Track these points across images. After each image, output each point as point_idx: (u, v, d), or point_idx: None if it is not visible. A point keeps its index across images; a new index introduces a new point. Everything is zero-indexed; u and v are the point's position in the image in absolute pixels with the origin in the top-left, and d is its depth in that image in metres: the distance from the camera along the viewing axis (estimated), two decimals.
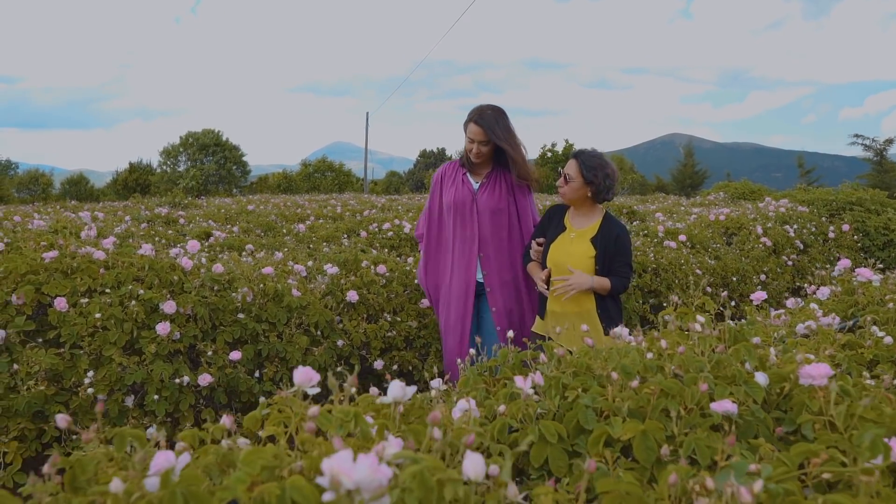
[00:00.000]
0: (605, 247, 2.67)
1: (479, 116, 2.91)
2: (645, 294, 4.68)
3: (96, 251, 2.87)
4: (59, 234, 3.28)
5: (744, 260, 5.68)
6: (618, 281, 2.68)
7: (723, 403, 1.10)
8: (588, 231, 2.73)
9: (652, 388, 1.08)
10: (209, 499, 0.68)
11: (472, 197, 3.01)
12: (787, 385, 1.20)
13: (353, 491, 0.51)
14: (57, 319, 2.56)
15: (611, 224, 2.74)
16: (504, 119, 2.94)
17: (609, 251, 2.67)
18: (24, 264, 2.67)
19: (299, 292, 3.07)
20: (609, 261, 2.68)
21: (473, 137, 2.93)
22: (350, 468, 0.51)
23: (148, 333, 2.63)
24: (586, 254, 2.67)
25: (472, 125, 2.92)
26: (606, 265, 2.67)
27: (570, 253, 2.69)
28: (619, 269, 2.69)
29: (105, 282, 2.72)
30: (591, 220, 2.76)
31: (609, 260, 2.68)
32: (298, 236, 6.68)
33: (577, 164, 2.70)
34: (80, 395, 2.47)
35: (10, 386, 2.42)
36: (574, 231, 2.75)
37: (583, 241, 2.71)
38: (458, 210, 3.03)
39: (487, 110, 2.92)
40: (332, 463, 0.52)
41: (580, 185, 2.69)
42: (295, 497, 0.62)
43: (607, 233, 2.70)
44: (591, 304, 2.67)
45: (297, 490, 0.63)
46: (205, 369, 2.69)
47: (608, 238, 2.68)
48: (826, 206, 7.23)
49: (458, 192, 3.03)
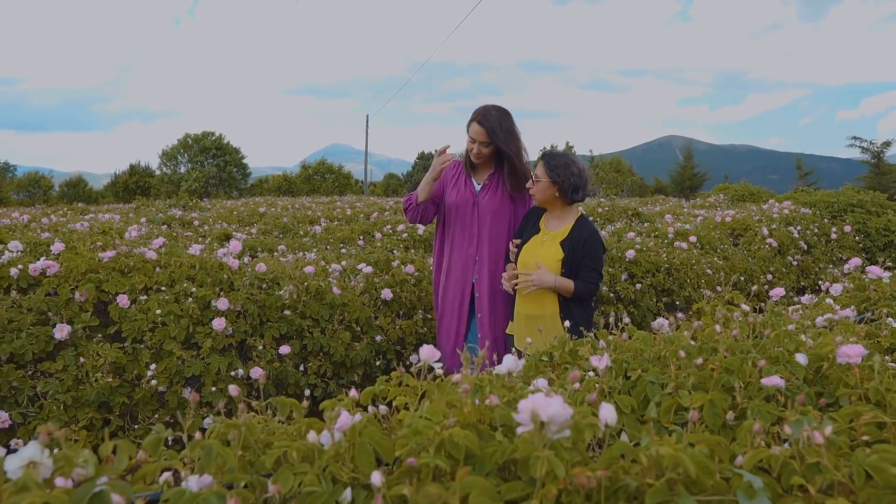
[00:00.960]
0: (573, 250, 2.64)
1: (482, 116, 2.86)
2: (658, 293, 4.85)
3: (148, 251, 3.03)
4: (107, 234, 3.45)
5: (751, 260, 5.86)
6: (582, 285, 2.62)
7: (772, 379, 1.27)
8: (559, 234, 2.71)
9: (715, 365, 1.24)
10: (390, 444, 0.84)
11: (473, 198, 2.96)
12: (824, 364, 1.37)
13: (546, 423, 0.67)
14: (118, 315, 2.72)
15: (582, 227, 2.70)
16: (508, 121, 2.89)
17: (577, 255, 2.64)
18: (84, 263, 2.83)
19: (339, 290, 3.23)
20: (576, 265, 2.64)
21: (475, 137, 2.88)
22: (545, 405, 0.67)
23: (203, 329, 2.79)
24: (554, 257, 2.64)
25: (475, 125, 2.87)
26: (574, 269, 2.64)
27: (538, 255, 2.67)
28: (585, 273, 2.64)
29: (160, 280, 2.88)
30: (564, 223, 2.73)
31: (576, 264, 2.64)
32: (316, 237, 6.84)
33: (543, 164, 2.71)
34: (142, 386, 2.63)
35: (77, 378, 2.58)
36: (547, 234, 2.74)
37: (553, 244, 2.69)
38: (460, 211, 2.98)
39: (492, 111, 2.88)
40: (532, 401, 0.68)
41: (547, 185, 2.68)
42: (469, 438, 0.79)
43: (577, 236, 2.66)
44: (555, 308, 2.63)
45: (467, 437, 0.80)
46: (255, 363, 2.86)
47: (577, 241, 2.65)
48: (828, 208, 7.41)
49: (460, 193, 2.98)
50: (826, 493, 0.84)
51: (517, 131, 2.93)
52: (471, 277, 2.96)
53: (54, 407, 2.50)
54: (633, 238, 5.17)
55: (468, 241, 2.96)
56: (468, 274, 2.96)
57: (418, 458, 0.79)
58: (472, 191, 2.99)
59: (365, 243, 6.64)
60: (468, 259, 2.96)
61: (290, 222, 7.83)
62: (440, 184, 3.04)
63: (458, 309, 2.97)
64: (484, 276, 2.93)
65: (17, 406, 2.52)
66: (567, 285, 2.59)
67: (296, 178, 39.40)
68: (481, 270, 2.94)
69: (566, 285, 2.59)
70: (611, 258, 4.81)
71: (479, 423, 0.85)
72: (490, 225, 2.95)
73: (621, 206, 9.98)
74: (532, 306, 2.67)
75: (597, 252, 2.66)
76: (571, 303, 2.65)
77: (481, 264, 2.94)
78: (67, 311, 2.71)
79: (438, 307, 3.09)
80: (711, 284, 5.10)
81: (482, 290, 2.93)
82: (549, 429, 0.68)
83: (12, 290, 2.77)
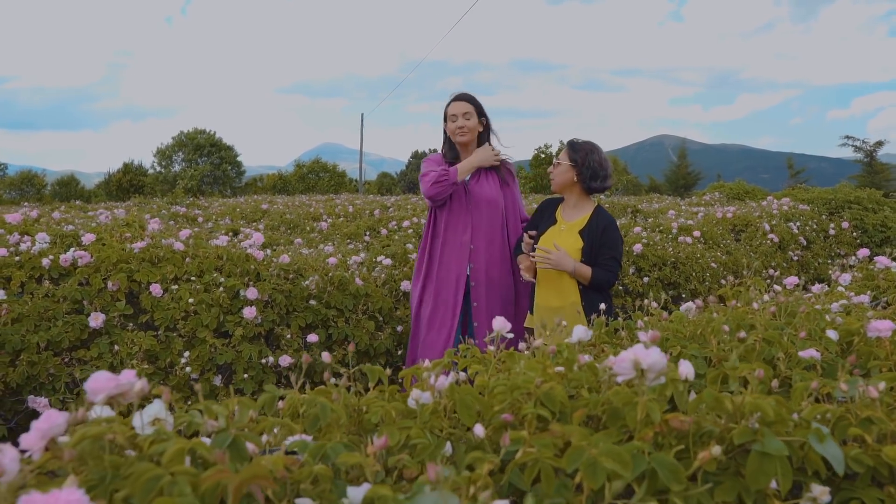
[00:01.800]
0: (592, 238, 2.64)
1: (459, 94, 2.96)
2: (665, 286, 4.94)
3: (176, 242, 3.09)
4: (131, 226, 3.51)
5: (752, 255, 5.97)
6: (601, 272, 2.61)
7: (809, 351, 1.35)
8: (577, 224, 2.70)
9: (757, 338, 1.33)
10: (488, 401, 0.92)
11: (464, 186, 2.93)
12: (855, 338, 1.46)
13: (645, 371, 0.75)
14: (150, 304, 2.79)
15: (600, 216, 2.70)
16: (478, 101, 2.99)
17: (596, 243, 2.63)
18: (115, 254, 2.89)
19: (362, 281, 3.31)
20: (596, 253, 2.64)
21: (458, 112, 2.91)
22: (645, 355, 0.75)
23: (233, 318, 2.86)
24: (574, 246, 2.63)
25: (456, 102, 2.93)
26: (593, 257, 2.63)
27: (558, 246, 2.64)
28: (604, 261, 2.62)
29: (189, 270, 2.95)
30: (582, 213, 2.73)
31: (596, 252, 2.64)
32: (323, 234, 6.90)
33: (567, 148, 2.75)
34: (176, 373, 2.69)
35: (112, 365, 2.65)
36: (564, 224, 2.73)
37: (571, 234, 2.68)
38: (452, 200, 2.93)
39: (464, 92, 2.99)
40: (633, 351, 0.76)
41: (566, 168, 2.70)
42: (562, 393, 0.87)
43: (595, 225, 2.66)
44: (576, 297, 2.63)
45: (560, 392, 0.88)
46: (283, 351, 2.93)
47: (596, 230, 2.65)
48: (826, 205, 7.55)
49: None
50: (880, 442, 0.93)
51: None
52: (465, 267, 2.92)
53: None
54: (639, 233, 5.27)
55: (462, 229, 2.92)
56: (463, 263, 2.91)
57: (517, 411, 0.88)
58: (462, 181, 2.95)
59: (371, 239, 6.72)
60: (462, 248, 2.92)
61: (296, 218, 7.89)
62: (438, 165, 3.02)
63: (454, 299, 2.91)
64: (480, 265, 2.91)
65: (55, 392, 2.58)
66: (585, 272, 2.58)
67: (291, 177, 39.40)
68: (477, 259, 2.91)
69: (584, 271, 2.58)
70: None
71: (561, 381, 0.93)
72: (485, 213, 2.93)
73: (622, 203, 10.10)
74: (553, 296, 2.67)
75: (616, 241, 2.65)
76: (592, 292, 2.63)
77: (476, 253, 2.91)
78: (100, 300, 2.77)
79: (423, 299, 2.99)
80: (716, 278, 5.21)
81: (478, 278, 2.91)
82: (647, 377, 0.76)
83: (44, 281, 2.83)
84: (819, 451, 0.82)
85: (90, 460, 0.70)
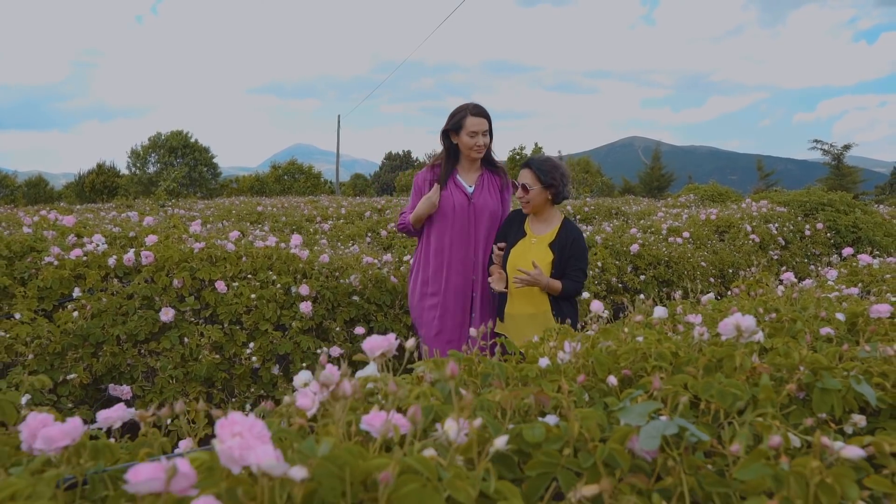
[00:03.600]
0: (562, 251, 2.76)
1: (479, 108, 2.90)
2: (660, 284, 5.32)
3: (228, 243, 3.35)
4: (177, 228, 3.75)
5: (736, 254, 6.40)
6: (570, 284, 2.74)
7: (825, 329, 1.70)
8: (547, 237, 2.81)
9: (785, 317, 1.67)
10: (615, 359, 1.23)
11: (468, 199, 2.96)
12: (859, 319, 1.81)
13: (742, 331, 1.07)
14: (214, 300, 3.04)
15: (568, 229, 2.82)
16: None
17: (565, 255, 2.76)
18: (177, 253, 3.14)
19: (396, 279, 3.60)
20: (564, 264, 2.76)
21: (479, 130, 2.89)
22: (743, 320, 1.07)
23: (288, 312, 3.13)
24: (545, 259, 2.75)
25: (478, 118, 2.89)
26: (561, 269, 2.76)
27: (529, 258, 2.76)
28: (572, 272, 2.76)
29: (244, 268, 3.21)
30: (551, 226, 2.84)
31: (564, 264, 2.76)
32: (327, 234, 7.16)
33: (532, 172, 2.79)
34: (242, 363, 2.95)
35: (183, 356, 2.90)
36: (535, 237, 2.83)
37: (542, 247, 2.79)
38: (456, 213, 2.95)
39: (477, 103, 2.93)
40: (734, 317, 1.07)
41: (540, 191, 2.78)
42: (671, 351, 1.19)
43: (565, 238, 2.78)
44: (547, 306, 2.75)
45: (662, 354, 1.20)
46: (332, 343, 3.21)
47: (565, 243, 2.77)
48: (801, 207, 8.03)
49: (453, 196, 2.96)
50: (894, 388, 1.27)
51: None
52: (471, 278, 2.99)
53: (165, 382, 2.82)
54: (634, 234, 5.64)
55: (466, 242, 2.96)
56: (468, 274, 2.98)
57: (637, 367, 1.19)
58: (465, 192, 2.98)
59: (372, 240, 6.99)
60: (467, 260, 2.97)
61: (299, 220, 8.12)
62: (419, 196, 3.03)
63: (461, 312, 2.99)
64: (479, 277, 2.99)
65: (133, 381, 2.82)
66: (555, 285, 2.72)
67: (267, 178, 39.27)
68: (477, 271, 2.99)
69: (555, 285, 2.72)
70: (616, 252, 5.26)
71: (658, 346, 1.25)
72: (487, 226, 2.98)
73: (606, 205, 10.52)
74: (527, 305, 2.79)
75: (582, 252, 2.80)
76: (561, 300, 2.78)
77: (477, 264, 2.98)
78: (166, 296, 3.02)
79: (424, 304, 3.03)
80: (705, 276, 5.60)
81: (478, 290, 2.99)
82: (743, 336, 1.08)
83: (112, 279, 3.07)
84: (858, 390, 1.14)
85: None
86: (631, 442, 0.80)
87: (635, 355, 1.21)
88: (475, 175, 3.02)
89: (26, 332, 2.67)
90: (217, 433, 0.61)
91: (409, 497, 0.57)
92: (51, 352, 2.68)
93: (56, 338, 2.70)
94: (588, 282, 4.71)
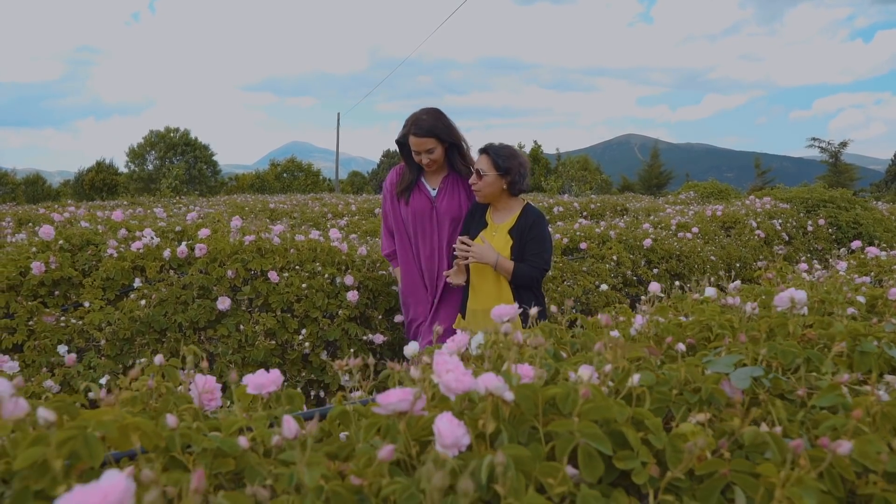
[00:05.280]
0: (521, 235, 2.64)
1: (415, 127, 2.74)
2: (671, 277, 5.54)
3: (274, 237, 3.55)
4: (220, 223, 3.95)
5: (742, 249, 6.62)
6: (524, 267, 2.59)
7: (849, 309, 1.91)
8: (507, 224, 2.70)
9: (814, 299, 1.88)
10: (682, 329, 1.43)
11: (430, 204, 2.87)
12: (879, 301, 2.03)
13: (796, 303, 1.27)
14: (266, 289, 3.24)
15: (528, 213, 2.70)
16: (444, 119, 2.80)
17: (524, 239, 2.63)
18: (229, 246, 3.33)
19: None
20: (522, 249, 2.63)
21: (418, 149, 2.77)
22: (797, 294, 1.27)
23: (335, 301, 3.33)
24: (505, 247, 2.64)
25: (412, 138, 2.75)
26: (520, 255, 2.63)
27: (484, 238, 2.67)
28: (530, 256, 2.61)
29: (292, 260, 3.41)
30: (511, 213, 2.73)
31: (523, 248, 2.63)
32: (344, 230, 7.36)
33: (489, 157, 2.66)
34: (295, 348, 3.15)
35: (240, 342, 3.10)
36: (496, 227, 2.73)
37: (502, 235, 2.68)
38: (417, 219, 2.88)
39: (422, 115, 2.76)
40: (789, 291, 1.28)
41: (494, 178, 2.65)
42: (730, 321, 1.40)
43: (524, 222, 2.67)
44: (509, 299, 2.60)
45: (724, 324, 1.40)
46: (375, 330, 3.41)
47: (524, 226, 2.65)
48: (803, 204, 8.27)
49: (415, 200, 2.89)
50: None
51: (454, 125, 2.84)
52: (434, 282, 2.95)
53: (224, 366, 3.01)
54: (647, 229, 5.85)
55: (430, 249, 2.90)
56: (432, 278, 2.93)
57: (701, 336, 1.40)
58: (428, 196, 2.90)
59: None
60: (432, 267, 2.91)
61: (315, 216, 8.32)
62: (389, 202, 3.00)
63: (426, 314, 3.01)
64: (442, 282, 2.91)
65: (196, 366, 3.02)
66: (507, 265, 2.58)
67: (267, 175, 39.44)
68: (442, 275, 2.91)
69: (506, 265, 2.58)
70: (630, 247, 5.47)
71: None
72: (449, 232, 2.88)
73: (612, 202, 10.75)
74: (487, 299, 2.66)
75: (542, 236, 2.64)
76: (524, 293, 2.62)
77: (442, 269, 2.91)
78: (220, 286, 3.21)
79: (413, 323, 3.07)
80: (715, 270, 5.82)
81: (438, 295, 2.92)
82: (797, 307, 1.29)
83: (167, 270, 3.26)
84: (890, 353, 1.35)
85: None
86: (722, 385, 1.01)
87: (700, 326, 1.41)
88: (439, 178, 2.92)
89: (98, 319, 2.87)
90: (436, 370, 0.82)
91: (593, 411, 0.78)
92: (121, 338, 2.88)
93: (125, 325, 2.90)
94: (605, 275, 4.92)
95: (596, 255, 5.16)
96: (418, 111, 2.78)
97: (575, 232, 5.41)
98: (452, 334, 1.25)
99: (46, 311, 2.94)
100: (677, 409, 0.95)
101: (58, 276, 3.06)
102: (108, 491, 0.52)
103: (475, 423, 0.77)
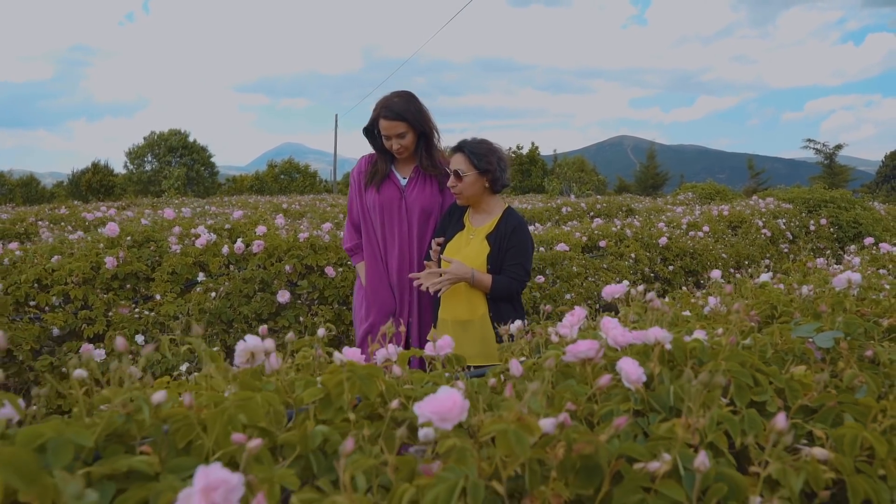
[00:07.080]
0: (499, 242, 2.38)
1: (386, 109, 2.53)
2: (686, 273, 5.78)
3: (324, 234, 3.76)
4: (266, 221, 4.16)
5: (750, 247, 6.88)
6: (502, 280, 2.34)
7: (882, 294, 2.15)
8: (486, 228, 2.44)
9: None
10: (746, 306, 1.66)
11: (399, 194, 2.64)
12: None
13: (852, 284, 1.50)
14: (322, 283, 3.45)
15: (510, 218, 2.43)
16: (416, 102, 2.58)
17: (503, 247, 2.38)
18: (285, 243, 3.55)
19: None
20: (501, 258, 2.38)
21: (388, 133, 2.55)
22: (853, 276, 1.50)
23: None
24: (481, 253, 2.37)
25: (383, 122, 2.54)
26: (498, 264, 2.38)
27: (463, 255, 2.38)
28: (509, 268, 2.36)
29: (343, 256, 3.62)
30: (492, 216, 2.46)
31: (501, 257, 2.38)
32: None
33: (465, 156, 2.38)
34: (350, 337, 3.37)
35: (300, 332, 3.31)
36: (473, 231, 2.46)
37: (479, 240, 2.41)
38: (385, 209, 2.64)
39: (394, 98, 2.56)
40: (846, 274, 1.51)
41: (475, 178, 2.38)
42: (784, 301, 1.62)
43: (504, 227, 2.40)
44: (484, 309, 2.36)
45: (788, 303, 1.63)
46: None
47: (504, 233, 2.39)
48: (805, 204, 8.54)
49: (385, 189, 2.64)
50: None
51: (427, 110, 2.63)
52: (407, 278, 2.62)
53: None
54: (662, 228, 6.10)
55: (399, 240, 2.66)
56: (404, 277, 2.64)
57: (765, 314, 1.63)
58: (398, 185, 2.67)
59: None
60: (402, 261, 2.66)
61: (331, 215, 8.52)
62: (356, 190, 2.75)
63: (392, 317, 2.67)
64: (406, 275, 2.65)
65: None
66: (484, 280, 2.33)
67: (265, 176, 39.56)
68: (413, 269, 2.64)
69: (484, 280, 2.33)
70: (646, 245, 5.71)
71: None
72: (419, 224, 2.64)
73: (617, 202, 11.00)
74: (461, 310, 2.39)
75: (524, 244, 2.40)
76: (501, 303, 2.38)
77: (412, 265, 2.66)
78: (279, 281, 3.43)
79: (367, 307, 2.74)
80: (726, 266, 6.07)
81: (414, 294, 2.66)
82: (853, 287, 1.52)
83: (227, 265, 3.47)
84: None
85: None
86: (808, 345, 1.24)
87: (764, 306, 1.64)
88: (410, 167, 2.70)
89: (172, 311, 3.08)
90: (603, 329, 1.04)
91: (733, 356, 1.00)
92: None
93: (196, 315, 3.11)
94: (625, 271, 5.16)
95: (614, 252, 5.40)
96: (389, 94, 2.59)
97: (593, 231, 5.65)
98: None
99: (122, 303, 3.14)
100: (777, 362, 1.17)
101: (128, 270, 3.26)
102: (454, 399, 0.73)
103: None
